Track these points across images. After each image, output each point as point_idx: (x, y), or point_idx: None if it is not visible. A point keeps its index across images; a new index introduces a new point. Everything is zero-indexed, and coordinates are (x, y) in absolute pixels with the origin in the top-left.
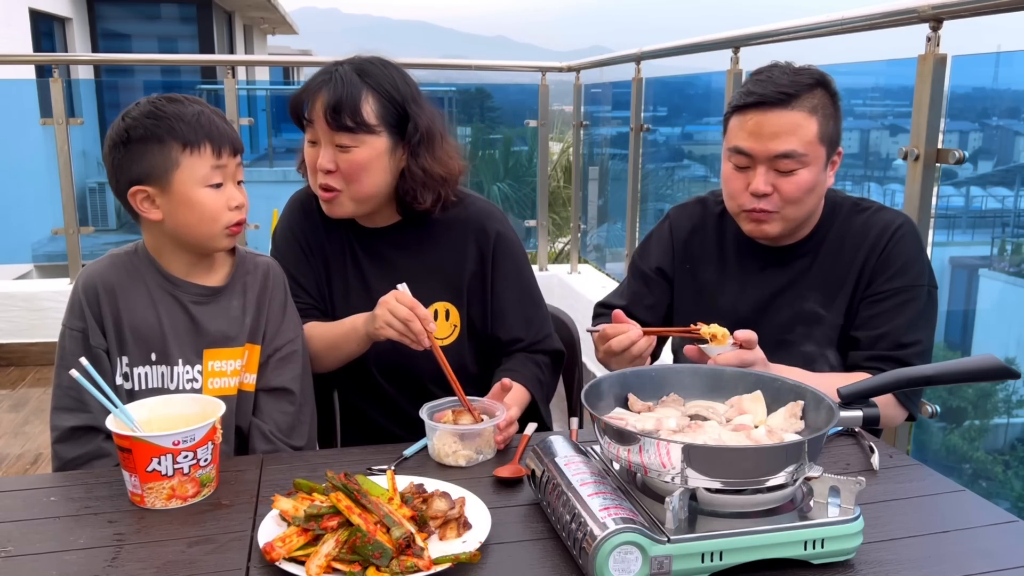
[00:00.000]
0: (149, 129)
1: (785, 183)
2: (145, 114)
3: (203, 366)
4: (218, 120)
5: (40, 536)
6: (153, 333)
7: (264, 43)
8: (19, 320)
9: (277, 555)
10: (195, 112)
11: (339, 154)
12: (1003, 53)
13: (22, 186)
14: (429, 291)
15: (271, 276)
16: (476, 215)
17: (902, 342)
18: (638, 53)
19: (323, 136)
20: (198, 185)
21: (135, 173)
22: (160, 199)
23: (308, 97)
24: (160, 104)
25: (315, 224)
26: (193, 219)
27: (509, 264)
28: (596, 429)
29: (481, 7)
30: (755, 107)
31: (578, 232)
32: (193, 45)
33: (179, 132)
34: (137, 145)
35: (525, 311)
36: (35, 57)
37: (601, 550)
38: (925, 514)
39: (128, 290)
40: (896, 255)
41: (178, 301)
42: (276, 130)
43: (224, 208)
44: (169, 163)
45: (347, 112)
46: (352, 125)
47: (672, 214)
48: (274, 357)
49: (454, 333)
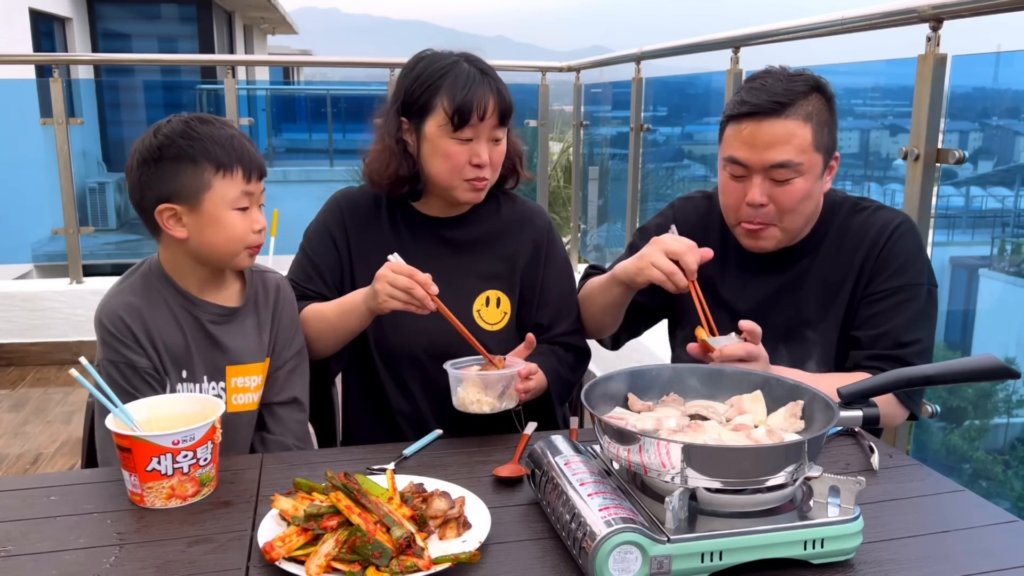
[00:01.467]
0: (183, 149)
1: (781, 193)
2: (179, 133)
3: (227, 383)
4: (248, 145)
5: (40, 536)
6: (181, 351)
7: (264, 43)
8: (19, 320)
9: (277, 555)
10: (228, 136)
11: (493, 148)
12: (1003, 53)
13: (22, 186)
14: (481, 278)
15: (281, 293)
16: (529, 209)
17: (902, 341)
18: (638, 53)
19: (485, 133)
20: (227, 208)
21: (165, 191)
22: (187, 218)
23: (477, 100)
24: (194, 124)
25: (361, 217)
26: (219, 239)
27: (560, 256)
28: (596, 429)
29: (481, 7)
30: (749, 116)
31: (578, 232)
32: (193, 45)
33: (213, 154)
34: (169, 163)
35: (565, 303)
36: (35, 57)
37: (601, 550)
38: (925, 514)
39: (152, 310)
40: (895, 254)
41: (197, 320)
42: (276, 130)
43: (249, 230)
44: (201, 184)
45: (508, 108)
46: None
47: (677, 204)
48: (283, 369)
49: (503, 320)
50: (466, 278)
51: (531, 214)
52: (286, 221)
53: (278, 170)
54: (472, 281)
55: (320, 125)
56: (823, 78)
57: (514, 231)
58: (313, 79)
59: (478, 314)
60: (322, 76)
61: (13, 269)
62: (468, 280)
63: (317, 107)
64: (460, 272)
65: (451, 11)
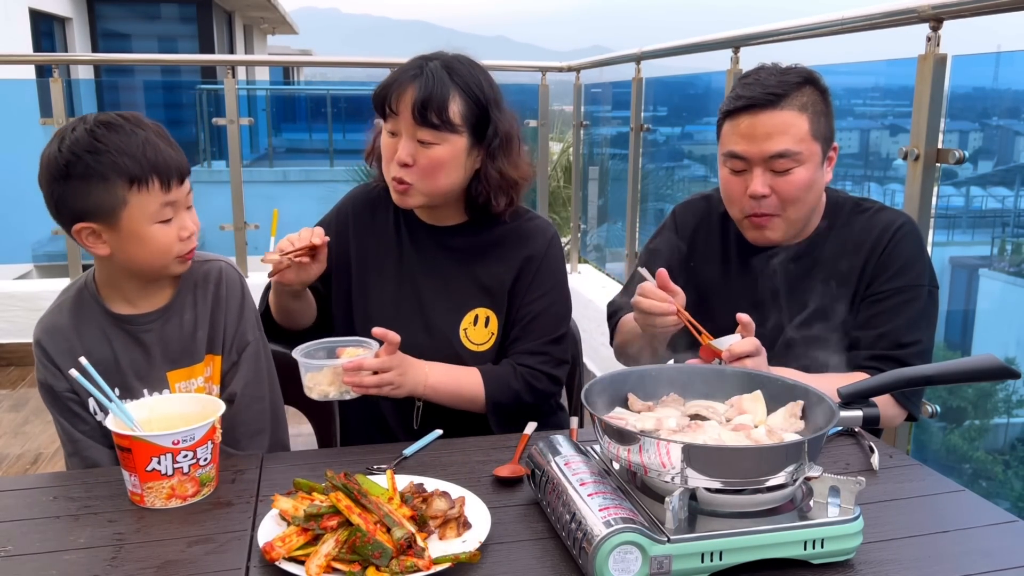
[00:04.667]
0: (90, 166)
1: (782, 183)
2: (85, 147)
3: (171, 390)
4: (163, 146)
5: (40, 536)
6: (111, 368)
7: (264, 43)
8: (19, 320)
9: (277, 555)
10: (140, 142)
11: (419, 149)
12: (1003, 53)
13: (22, 186)
14: (472, 295)
15: (224, 280)
16: (531, 227)
17: (902, 342)
18: (638, 53)
19: (405, 129)
20: (148, 222)
21: (78, 209)
22: (107, 235)
23: (396, 88)
24: (100, 134)
25: (368, 217)
26: (144, 254)
27: (551, 278)
28: (596, 429)
29: (481, 7)
30: (745, 110)
31: (578, 232)
32: (193, 45)
33: (124, 167)
34: (78, 182)
35: (541, 324)
36: (35, 57)
37: (601, 550)
38: (925, 514)
39: (80, 330)
40: (897, 255)
41: (129, 334)
42: (276, 130)
43: (176, 240)
44: (116, 201)
45: (434, 109)
46: (437, 122)
47: (677, 211)
48: (237, 363)
49: (490, 341)
50: (459, 289)
51: (531, 231)
52: (286, 221)
53: (278, 170)
54: (464, 294)
55: (320, 125)
56: (815, 71)
57: (511, 246)
58: (313, 79)
59: (464, 333)
60: (322, 76)
61: (13, 269)
62: (461, 292)
63: (317, 107)
64: (455, 281)
65: (451, 11)
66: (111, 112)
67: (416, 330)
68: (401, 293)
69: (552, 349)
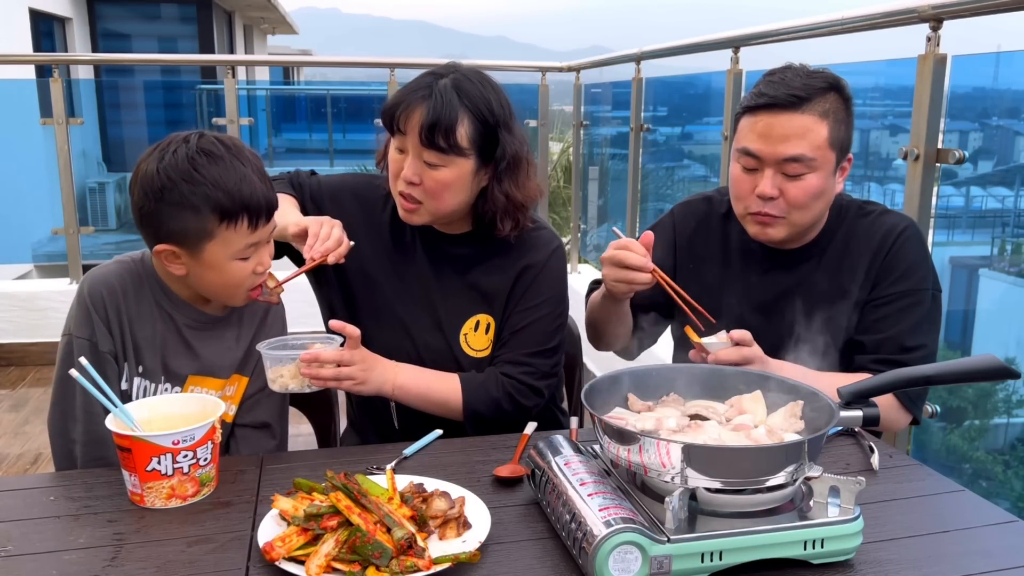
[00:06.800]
0: (184, 195)
1: (792, 187)
2: (183, 175)
3: (183, 390)
4: (258, 183)
5: (40, 536)
6: (147, 346)
7: (264, 43)
8: (19, 320)
9: (277, 555)
10: (236, 178)
11: (425, 170)
12: (1003, 53)
13: (22, 186)
14: (473, 301)
15: (271, 312)
16: (534, 238)
17: (906, 346)
18: (638, 53)
19: (412, 149)
20: (229, 258)
21: (164, 232)
22: (187, 259)
23: (405, 108)
24: (199, 163)
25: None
26: (217, 283)
27: (547, 291)
28: (596, 429)
29: (481, 7)
30: (766, 108)
31: (578, 232)
32: (193, 45)
33: (217, 202)
34: (170, 208)
35: (527, 335)
36: (35, 57)
37: (601, 550)
38: (925, 514)
39: (131, 297)
40: (901, 259)
41: (174, 322)
42: (276, 130)
43: (250, 274)
44: (203, 233)
45: (441, 133)
46: (444, 146)
47: (676, 211)
48: (263, 392)
49: (489, 348)
50: (462, 294)
51: (534, 241)
52: None
53: (278, 170)
54: (466, 300)
55: (320, 125)
56: (842, 79)
57: (512, 255)
58: (313, 79)
59: (464, 338)
60: (322, 76)
61: (13, 269)
62: (463, 297)
63: (317, 107)
64: (458, 287)
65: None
66: (214, 136)
67: (421, 330)
68: (408, 294)
69: (538, 361)
